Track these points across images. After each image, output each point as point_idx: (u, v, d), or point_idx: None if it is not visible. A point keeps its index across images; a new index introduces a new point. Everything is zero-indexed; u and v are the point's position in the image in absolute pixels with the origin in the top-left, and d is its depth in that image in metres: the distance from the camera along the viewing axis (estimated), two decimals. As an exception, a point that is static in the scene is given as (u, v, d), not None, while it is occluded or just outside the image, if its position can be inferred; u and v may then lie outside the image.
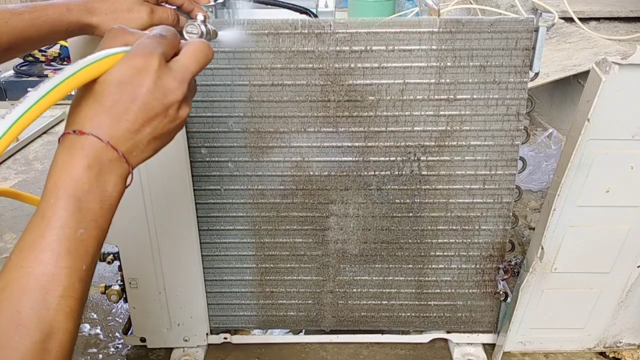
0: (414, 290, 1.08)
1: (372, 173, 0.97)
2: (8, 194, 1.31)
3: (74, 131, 0.47)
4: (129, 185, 0.50)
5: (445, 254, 1.04)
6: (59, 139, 0.48)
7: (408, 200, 0.99)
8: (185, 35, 0.59)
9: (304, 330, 1.18)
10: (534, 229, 1.39)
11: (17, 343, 0.41)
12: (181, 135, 0.93)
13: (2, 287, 0.42)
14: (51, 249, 0.43)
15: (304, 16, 0.97)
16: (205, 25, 0.60)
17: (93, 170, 0.46)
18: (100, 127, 0.47)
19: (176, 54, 0.53)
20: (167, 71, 0.50)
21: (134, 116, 0.49)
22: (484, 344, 1.15)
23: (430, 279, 1.06)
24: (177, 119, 0.53)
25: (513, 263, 1.06)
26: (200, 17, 0.61)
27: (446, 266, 1.05)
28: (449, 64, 0.89)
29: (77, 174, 0.46)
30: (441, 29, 0.87)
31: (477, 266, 1.05)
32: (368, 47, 0.88)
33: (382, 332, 1.14)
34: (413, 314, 1.10)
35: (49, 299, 0.42)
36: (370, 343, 1.17)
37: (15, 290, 0.42)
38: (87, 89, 0.48)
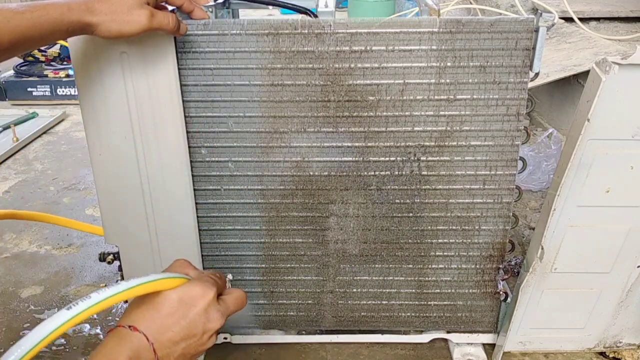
0: (414, 290, 1.08)
1: (372, 173, 0.97)
2: (7, 216, 1.32)
3: (130, 326, 0.58)
4: None
5: (445, 254, 1.04)
6: (111, 329, 0.58)
7: (408, 201, 0.99)
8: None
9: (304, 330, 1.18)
10: (534, 229, 1.39)
11: None
12: (181, 135, 0.93)
13: None
14: None
15: (304, 16, 0.97)
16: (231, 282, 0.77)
17: None
18: (150, 329, 0.58)
19: (221, 294, 0.67)
20: (216, 305, 0.64)
21: (179, 329, 0.59)
22: (484, 344, 1.15)
23: (430, 279, 1.06)
24: (205, 344, 0.63)
25: (513, 263, 1.06)
26: (230, 277, 0.76)
27: (446, 266, 1.05)
28: (449, 64, 0.89)
29: None
30: (441, 29, 0.87)
31: (477, 266, 1.05)
32: (368, 47, 0.88)
33: (382, 332, 1.14)
34: (413, 314, 1.10)
35: None
36: (370, 343, 1.17)
37: None
38: (149, 297, 0.60)
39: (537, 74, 0.90)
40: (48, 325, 0.52)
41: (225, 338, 1.14)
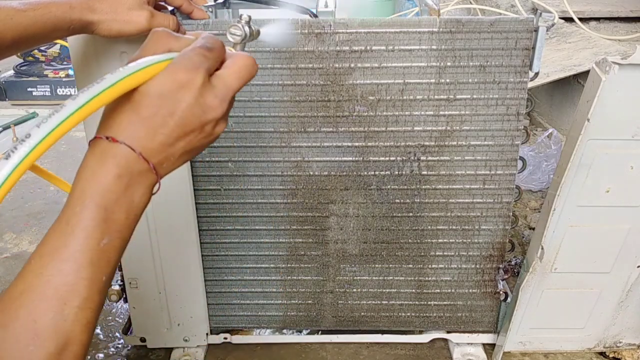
0: (414, 290, 1.08)
1: (372, 173, 0.97)
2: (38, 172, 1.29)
3: (107, 137, 0.46)
4: (155, 193, 0.50)
5: (445, 253, 1.04)
6: (90, 142, 0.47)
7: (408, 200, 0.99)
8: (228, 37, 0.57)
9: (304, 330, 1.18)
10: (534, 229, 1.39)
11: (31, 353, 0.40)
12: (181, 135, 0.93)
13: (19, 292, 0.41)
14: (74, 259, 0.42)
15: (304, 16, 0.97)
16: (250, 27, 0.58)
17: (123, 180, 0.46)
18: (134, 137, 0.46)
19: (219, 66, 0.51)
20: (210, 88, 0.49)
21: (170, 130, 0.48)
22: (484, 344, 1.15)
23: (430, 278, 1.06)
24: (212, 135, 0.51)
25: (513, 263, 1.06)
26: (245, 17, 0.58)
27: (446, 266, 1.05)
28: (449, 63, 0.89)
29: (106, 183, 0.45)
30: (441, 29, 0.87)
31: (477, 266, 1.05)
32: (368, 47, 0.88)
33: (382, 332, 1.14)
34: (413, 314, 1.10)
35: (67, 310, 0.41)
36: (370, 343, 1.17)
37: (33, 298, 0.41)
38: (123, 98, 0.47)
39: (537, 74, 0.90)
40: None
41: (225, 338, 1.14)
